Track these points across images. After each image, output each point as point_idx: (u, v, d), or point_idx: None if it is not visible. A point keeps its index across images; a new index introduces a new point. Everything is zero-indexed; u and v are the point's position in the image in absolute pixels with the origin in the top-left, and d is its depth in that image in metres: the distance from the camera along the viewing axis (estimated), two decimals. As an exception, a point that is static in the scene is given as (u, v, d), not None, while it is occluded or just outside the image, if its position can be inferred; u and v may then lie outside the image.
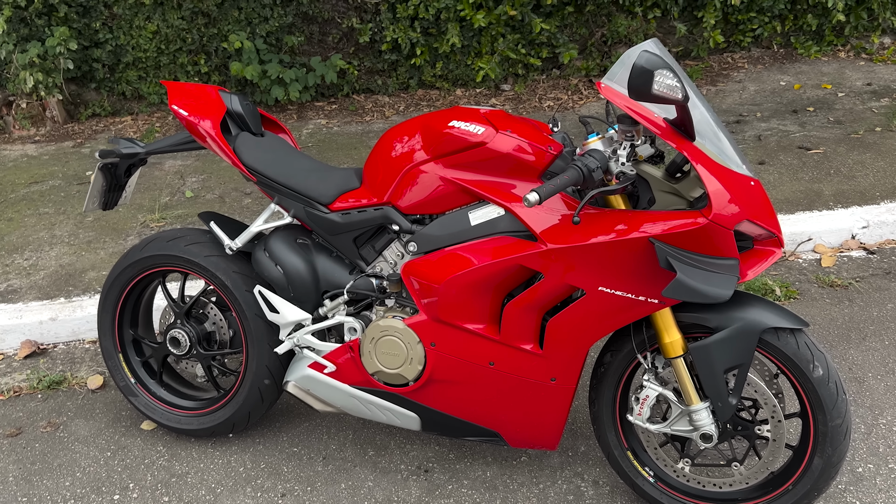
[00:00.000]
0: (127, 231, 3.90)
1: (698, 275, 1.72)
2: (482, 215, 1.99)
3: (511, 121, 2.02)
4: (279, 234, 2.27)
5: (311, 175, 2.23)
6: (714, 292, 1.70)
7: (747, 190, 1.85)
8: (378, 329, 2.10)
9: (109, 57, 5.09)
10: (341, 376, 2.22)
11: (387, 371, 2.13)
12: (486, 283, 1.96)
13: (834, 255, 3.59)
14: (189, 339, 2.47)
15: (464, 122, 1.99)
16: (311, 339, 2.23)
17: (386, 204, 2.12)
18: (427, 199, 2.05)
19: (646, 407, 2.03)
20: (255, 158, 2.26)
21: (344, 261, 2.25)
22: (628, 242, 1.81)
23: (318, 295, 2.24)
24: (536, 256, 1.88)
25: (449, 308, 2.00)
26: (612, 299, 1.88)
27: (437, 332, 2.05)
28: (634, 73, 1.61)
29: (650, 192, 1.96)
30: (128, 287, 2.52)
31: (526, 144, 1.93)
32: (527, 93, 5.46)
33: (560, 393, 2.03)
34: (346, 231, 2.18)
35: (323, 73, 5.14)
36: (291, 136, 2.57)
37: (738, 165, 1.89)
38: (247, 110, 2.36)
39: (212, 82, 5.28)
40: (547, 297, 1.93)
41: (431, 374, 2.09)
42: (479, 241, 1.98)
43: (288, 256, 2.22)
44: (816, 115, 4.86)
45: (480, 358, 2.04)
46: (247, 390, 2.42)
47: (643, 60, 1.60)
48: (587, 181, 1.80)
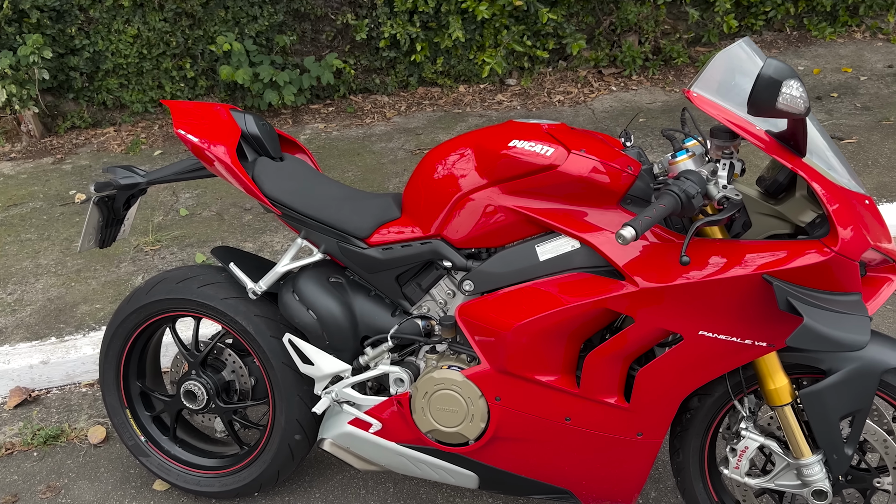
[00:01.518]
0: (119, 257, 3.58)
1: (827, 318, 1.46)
2: (553, 249, 1.71)
3: (580, 137, 1.74)
4: (309, 272, 1.97)
5: (344, 205, 1.94)
6: (849, 339, 1.43)
7: (865, 210, 1.59)
8: (432, 382, 1.82)
9: (87, 64, 4.73)
10: (387, 434, 1.94)
11: (443, 430, 1.85)
12: (562, 328, 1.68)
13: None
14: (206, 392, 2.17)
15: (527, 142, 1.70)
16: (352, 392, 1.94)
17: (434, 237, 1.83)
18: (485, 230, 1.76)
19: (744, 459, 1.77)
20: (279, 188, 1.96)
21: (385, 301, 1.96)
22: (735, 280, 1.54)
23: (357, 342, 1.95)
24: (625, 298, 1.61)
25: (518, 358, 1.72)
26: (714, 344, 1.61)
27: (502, 385, 1.77)
28: (761, 85, 1.33)
29: (746, 214, 1.69)
30: (133, 335, 2.22)
31: (602, 165, 1.65)
32: (534, 87, 5.18)
33: (646, 448, 1.77)
34: (389, 268, 1.89)
35: (318, 73, 4.82)
36: (311, 157, 2.27)
37: (850, 181, 1.63)
38: (264, 131, 2.05)
39: (199, 87, 4.94)
40: (636, 345, 1.66)
41: (496, 431, 1.82)
42: (551, 279, 1.70)
43: (321, 298, 1.93)
44: (842, 102, 4.63)
45: (555, 413, 1.76)
46: (275, 447, 2.14)
47: (771, 70, 1.33)
48: (685, 209, 1.52)
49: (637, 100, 4.93)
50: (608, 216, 1.68)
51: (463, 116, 4.88)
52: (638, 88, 5.08)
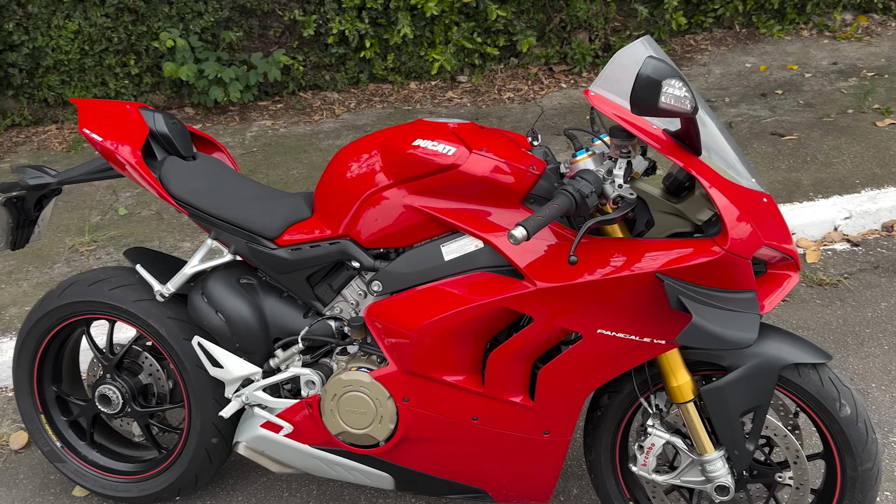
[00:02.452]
0: (53, 258, 3.51)
1: (716, 316, 1.47)
2: (457, 249, 1.70)
3: (484, 136, 1.73)
4: (218, 274, 1.94)
5: (253, 204, 1.91)
6: (737, 337, 1.44)
7: (761, 209, 1.60)
8: (341, 384, 1.80)
9: (26, 61, 4.62)
10: (300, 436, 1.92)
11: (353, 432, 1.83)
12: (465, 328, 1.68)
13: (818, 250, 3.41)
14: (122, 396, 2.13)
15: (430, 141, 1.69)
16: (262, 395, 1.92)
17: (343, 237, 1.81)
18: (391, 230, 1.75)
19: (651, 456, 1.78)
20: (186, 188, 1.92)
21: (297, 302, 1.94)
22: (631, 279, 1.54)
23: (268, 344, 1.93)
24: (523, 297, 1.61)
25: (422, 358, 1.71)
26: (612, 342, 1.61)
27: (410, 386, 1.76)
28: (640, 86, 1.33)
29: (648, 213, 1.70)
30: (46, 339, 2.17)
31: (504, 165, 1.65)
32: (485, 84, 5.17)
33: (554, 447, 1.77)
34: (298, 269, 1.87)
35: (265, 70, 4.76)
36: (229, 155, 2.23)
37: (748, 179, 1.64)
38: (173, 130, 2.02)
39: (144, 84, 4.86)
40: (537, 343, 1.66)
41: (405, 432, 1.81)
42: (455, 279, 1.70)
43: (229, 300, 1.90)
44: (786, 98, 4.69)
45: (462, 413, 1.76)
46: (192, 451, 2.11)
47: (650, 69, 1.32)
48: (580, 209, 1.52)
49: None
50: (511, 216, 1.67)
51: (413, 113, 4.86)
52: (587, 85, 5.09)
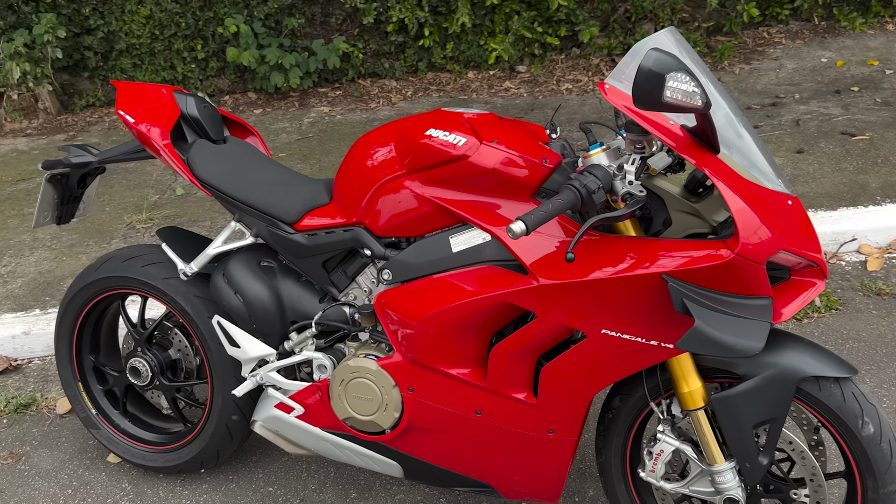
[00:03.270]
0: (112, 234, 3.67)
1: (721, 322, 1.40)
2: (465, 241, 1.69)
3: (500, 128, 1.70)
4: (240, 256, 1.99)
5: (275, 189, 1.94)
6: (740, 345, 1.38)
7: (783, 212, 1.52)
8: (348, 370, 1.82)
9: (101, 44, 4.83)
10: (311, 419, 1.95)
11: (359, 418, 1.85)
12: (468, 321, 1.66)
13: (881, 257, 3.22)
14: (151, 369, 2.22)
15: (443, 132, 1.68)
16: (275, 376, 1.96)
17: (357, 224, 1.82)
18: (402, 220, 1.75)
19: (660, 463, 1.72)
20: (211, 171, 1.97)
21: (314, 287, 1.97)
22: (637, 279, 1.49)
23: (284, 326, 1.96)
24: (526, 293, 1.58)
25: (426, 349, 1.71)
26: (617, 344, 1.57)
27: (414, 376, 1.76)
28: (640, 79, 1.28)
29: (666, 211, 1.64)
30: (84, 310, 2.27)
31: (516, 157, 1.62)
32: (544, 74, 5.10)
33: (559, 446, 1.74)
34: (314, 254, 1.89)
35: (325, 56, 4.83)
36: (262, 140, 2.28)
37: (773, 181, 1.56)
38: (204, 114, 2.07)
39: (210, 68, 5.01)
40: (540, 341, 1.63)
41: (410, 422, 1.81)
42: (462, 272, 1.68)
43: (248, 282, 1.94)
44: (861, 96, 4.43)
45: (465, 407, 1.75)
46: (213, 426, 2.17)
47: (651, 62, 1.27)
48: (586, 204, 1.48)
49: (647, 90, 4.81)
50: (521, 209, 1.64)
51: (468, 103, 4.84)
52: (650, 78, 4.95)
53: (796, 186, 3.57)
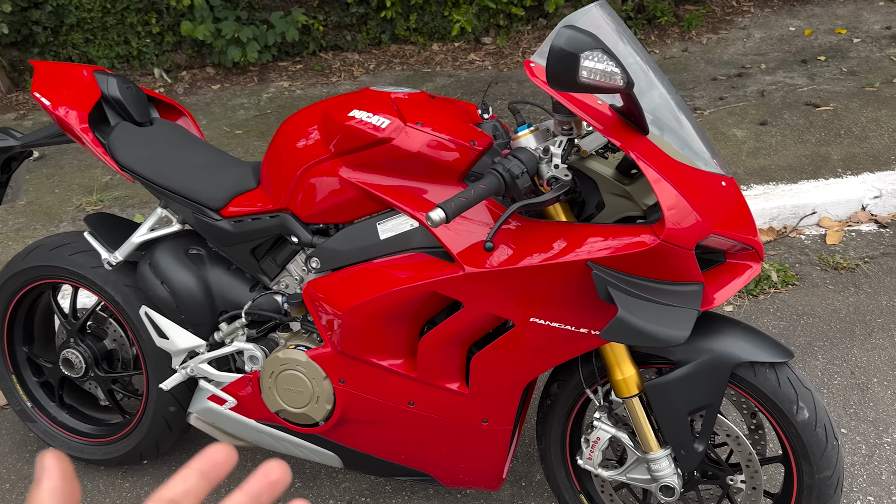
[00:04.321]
0: (60, 217, 3.57)
1: (647, 310, 1.36)
2: (392, 227, 1.62)
3: (428, 108, 1.63)
4: (167, 244, 1.91)
5: (200, 174, 1.86)
6: (665, 334, 1.33)
7: (716, 194, 1.47)
8: (278, 362, 1.76)
9: (50, 19, 4.67)
10: (245, 411, 1.89)
11: (291, 410, 1.79)
12: (397, 311, 1.60)
13: (841, 231, 3.19)
14: (84, 360, 2.15)
15: (367, 113, 1.60)
16: (207, 368, 1.89)
17: (283, 210, 1.75)
18: (329, 205, 1.68)
19: (597, 450, 1.69)
20: (133, 155, 1.89)
21: (244, 275, 1.90)
22: (563, 266, 1.44)
23: (214, 316, 1.89)
24: (453, 282, 1.52)
25: (355, 340, 1.65)
26: (547, 332, 1.52)
27: (345, 367, 1.70)
28: (553, 59, 1.21)
29: (598, 194, 1.58)
30: (13, 300, 2.19)
31: (443, 139, 1.55)
32: (510, 46, 4.99)
33: (494, 436, 1.70)
34: (241, 241, 1.82)
35: (283, 30, 4.70)
36: (193, 121, 2.19)
37: (706, 161, 1.50)
38: (127, 95, 1.98)
39: (166, 43, 4.86)
40: (469, 330, 1.57)
41: (343, 413, 1.76)
42: (390, 260, 1.62)
43: (175, 272, 1.87)
44: (828, 66, 4.38)
45: (397, 398, 1.70)
46: (150, 418, 2.11)
47: (563, 41, 1.20)
48: (510, 190, 1.42)
49: (613, 61, 4.73)
50: (448, 194, 1.58)
51: (432, 76, 4.74)
52: (616, 49, 4.87)
53: (758, 159, 3.53)
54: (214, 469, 0.45)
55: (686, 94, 4.21)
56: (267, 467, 0.46)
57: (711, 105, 4.06)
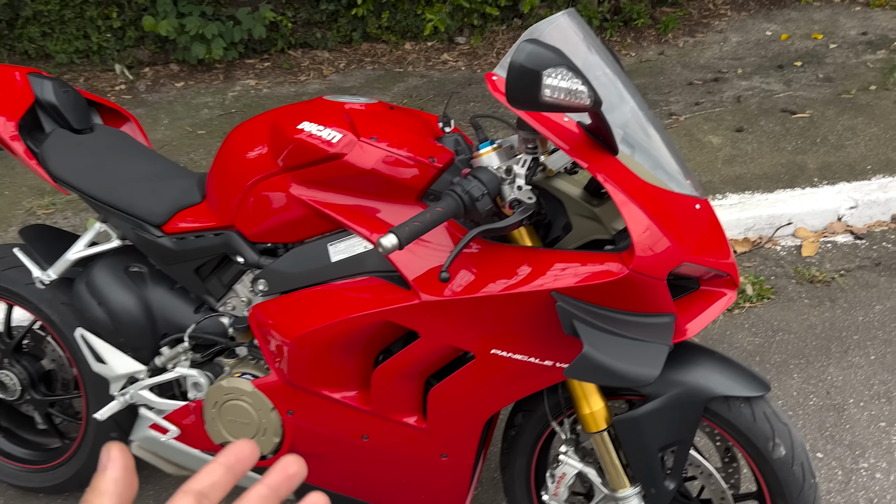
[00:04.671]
0: (9, 220, 3.39)
1: (614, 346, 1.25)
2: (345, 249, 1.51)
3: (384, 121, 1.51)
4: (105, 261, 1.77)
5: (140, 186, 1.73)
6: (634, 373, 1.23)
7: (689, 217, 1.37)
8: (221, 391, 1.63)
9: (4, 11, 4.47)
10: (189, 440, 1.77)
11: (236, 441, 1.67)
12: (348, 341, 1.49)
13: (817, 242, 3.13)
14: (20, 382, 2.00)
15: (317, 126, 1.48)
16: (147, 395, 1.76)
17: (228, 228, 1.63)
18: (277, 224, 1.56)
19: (563, 486, 1.59)
20: (67, 166, 1.75)
21: (189, 295, 1.77)
22: (526, 296, 1.33)
23: (156, 340, 1.76)
24: (408, 310, 1.41)
25: (304, 371, 1.54)
26: (509, 364, 1.41)
27: (293, 399, 1.59)
28: (513, 76, 1.10)
29: (566, 216, 1.48)
30: (-58, 318, 2.04)
31: (399, 155, 1.43)
32: (484, 46, 4.88)
33: (454, 471, 1.59)
34: (184, 260, 1.69)
35: (250, 26, 4.55)
36: (140, 128, 2.05)
37: (680, 183, 1.40)
38: (63, 99, 1.83)
39: (127, 38, 4.68)
40: (425, 362, 1.46)
41: (293, 447, 1.64)
42: (341, 284, 1.50)
43: (113, 291, 1.73)
44: (804, 71, 4.33)
45: (350, 432, 1.58)
46: (90, 445, 1.98)
47: (523, 57, 1.09)
48: (469, 213, 1.31)
49: (589, 63, 4.64)
50: (405, 214, 1.47)
51: (403, 76, 4.62)
52: (592, 51, 4.78)
53: (734, 167, 3.46)
54: (239, 463, 0.49)
55: (662, 98, 4.14)
56: (285, 462, 0.50)
57: (687, 110, 3.99)
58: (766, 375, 2.41)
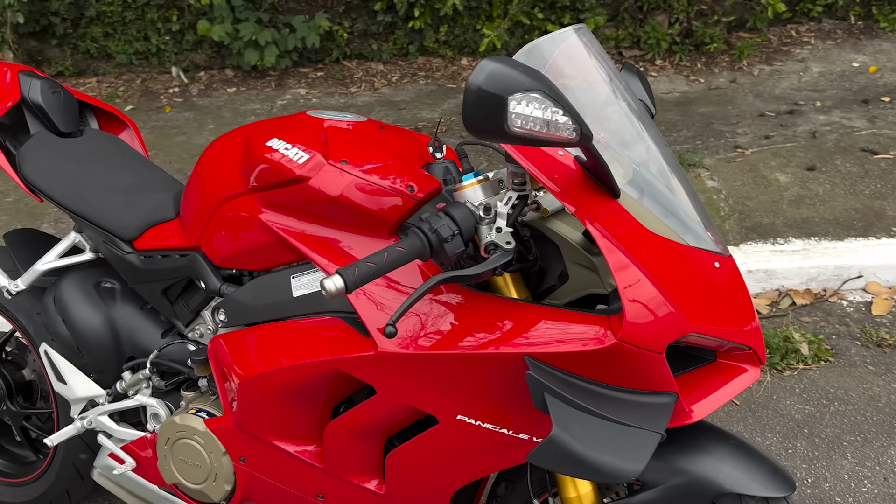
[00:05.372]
0: (43, 217, 3.39)
1: (591, 429, 1.04)
2: (307, 283, 1.34)
3: (364, 143, 1.34)
4: (75, 275, 1.66)
5: (116, 198, 1.61)
6: (612, 466, 1.01)
7: (703, 277, 1.14)
8: (174, 427, 1.49)
9: (70, 10, 4.55)
10: (145, 474, 1.63)
11: (188, 485, 1.52)
12: (301, 388, 1.31)
13: (890, 299, 2.79)
14: (-3, 391, 1.92)
15: (286, 143, 1.32)
16: (106, 422, 1.64)
17: (194, 249, 1.48)
18: (241, 249, 1.40)
19: (543, 575, 1.37)
20: (42, 171, 1.65)
21: (159, 317, 1.64)
22: (496, 357, 1.13)
23: (120, 362, 1.64)
24: (363, 361, 1.22)
25: (254, 417, 1.37)
26: (478, 434, 1.21)
27: (245, 445, 1.42)
28: (469, 102, 0.90)
29: (562, 263, 1.27)
30: (-72, 320, 1.98)
31: (374, 183, 1.25)
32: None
33: (419, 544, 1.39)
34: (150, 280, 1.56)
35: (304, 34, 4.48)
36: (138, 135, 1.94)
37: (696, 235, 1.18)
38: (50, 100, 1.74)
39: (185, 42, 4.70)
40: (383, 421, 1.27)
41: (245, 497, 1.48)
42: (300, 322, 1.33)
43: (78, 308, 1.62)
44: (892, 108, 3.95)
45: (305, 489, 1.40)
46: (59, 464, 1.87)
47: (482, 78, 0.89)
48: (437, 255, 1.12)
49: (653, 88, 4.36)
50: (377, 248, 1.28)
51: (456, 92, 4.46)
52: (658, 75, 4.52)
53: (801, 209, 3.14)
54: None
55: (728, 129, 3.84)
56: None
57: (755, 144, 3.68)
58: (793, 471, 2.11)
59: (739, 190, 3.31)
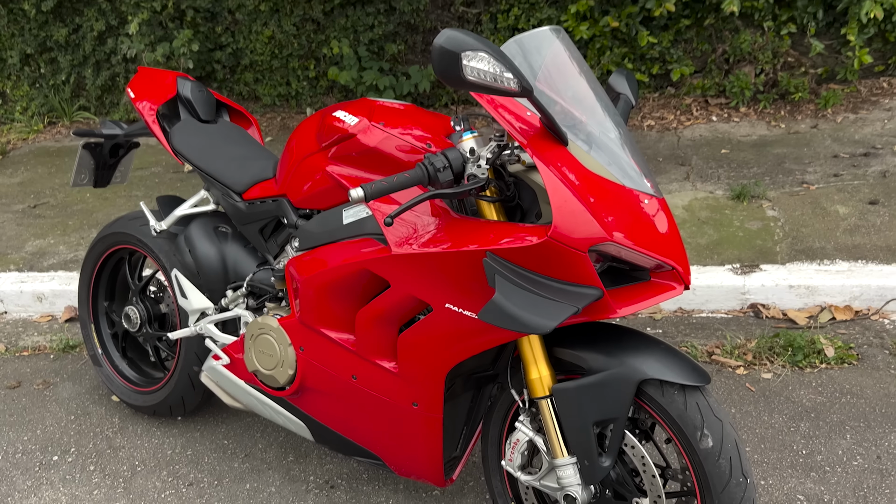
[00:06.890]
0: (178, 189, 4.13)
1: (524, 299, 1.44)
2: (353, 214, 1.83)
3: (401, 115, 1.84)
4: (200, 220, 2.26)
5: (233, 163, 2.20)
6: (532, 322, 1.41)
7: (629, 206, 1.52)
8: (256, 326, 2.01)
9: (229, 59, 5.47)
10: (236, 370, 2.15)
11: (263, 371, 2.02)
12: (340, 286, 1.79)
13: (931, 318, 2.90)
14: (140, 317, 2.54)
15: (346, 113, 1.85)
16: (211, 328, 2.19)
17: (282, 196, 2.03)
18: (310, 192, 1.93)
19: (516, 452, 1.74)
20: (185, 143, 2.27)
21: (256, 253, 2.19)
22: (468, 255, 1.56)
23: (226, 285, 2.20)
24: (381, 261, 1.69)
25: (309, 311, 1.86)
26: (460, 320, 1.63)
27: (304, 336, 1.91)
28: (435, 57, 1.37)
29: (537, 204, 1.69)
30: (99, 261, 2.65)
31: (400, 138, 1.74)
32: (632, 112, 5.05)
33: (426, 421, 1.80)
34: (251, 221, 2.12)
35: (417, 81, 5.14)
36: (259, 132, 2.56)
37: (633, 179, 1.56)
38: (197, 96, 2.38)
39: (319, 87, 5.49)
40: (397, 310, 1.72)
41: (302, 380, 1.96)
42: (346, 242, 1.82)
43: (200, 243, 2.20)
44: (973, 153, 3.99)
45: (343, 370, 1.87)
46: (177, 375, 2.44)
47: (443, 39, 1.36)
48: (433, 182, 1.58)
49: (733, 132, 4.64)
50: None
51: (547, 133, 4.91)
52: (741, 121, 4.77)
53: (854, 237, 3.31)
54: None
55: (798, 167, 4.04)
56: None
57: (822, 181, 3.86)
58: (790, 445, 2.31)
59: (798, 219, 3.51)
